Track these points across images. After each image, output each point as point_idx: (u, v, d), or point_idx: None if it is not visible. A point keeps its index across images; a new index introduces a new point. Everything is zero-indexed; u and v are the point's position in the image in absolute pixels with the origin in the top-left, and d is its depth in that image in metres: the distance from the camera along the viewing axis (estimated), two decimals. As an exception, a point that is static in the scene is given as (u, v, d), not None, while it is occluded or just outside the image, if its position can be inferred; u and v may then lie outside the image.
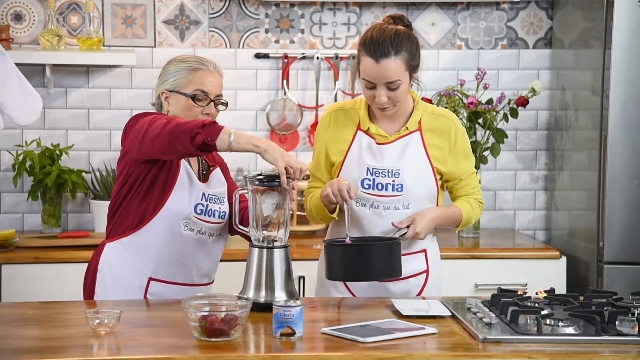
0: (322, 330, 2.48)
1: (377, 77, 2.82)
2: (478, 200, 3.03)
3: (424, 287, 2.99)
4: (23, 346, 2.36)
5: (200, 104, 2.92)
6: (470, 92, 4.15)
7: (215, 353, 2.30)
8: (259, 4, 4.20)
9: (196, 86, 2.92)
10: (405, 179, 2.90)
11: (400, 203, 2.90)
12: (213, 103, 2.94)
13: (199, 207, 2.89)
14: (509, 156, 4.34)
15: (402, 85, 2.83)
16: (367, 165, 2.90)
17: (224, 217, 2.94)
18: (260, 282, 2.69)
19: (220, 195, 2.95)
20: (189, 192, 2.88)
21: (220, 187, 2.98)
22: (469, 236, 4.14)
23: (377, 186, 2.90)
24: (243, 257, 2.82)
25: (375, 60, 2.80)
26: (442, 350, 2.37)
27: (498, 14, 4.33)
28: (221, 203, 2.94)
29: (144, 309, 2.82)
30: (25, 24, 4.10)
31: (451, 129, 2.95)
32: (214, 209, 2.91)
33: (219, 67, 2.98)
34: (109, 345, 2.37)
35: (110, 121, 4.16)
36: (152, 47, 4.17)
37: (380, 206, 2.90)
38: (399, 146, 2.92)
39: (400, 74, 2.82)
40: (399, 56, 2.81)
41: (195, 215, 2.88)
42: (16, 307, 2.73)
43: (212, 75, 2.94)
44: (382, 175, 2.89)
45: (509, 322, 2.51)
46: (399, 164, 2.90)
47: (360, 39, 2.87)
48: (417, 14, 4.28)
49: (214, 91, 2.94)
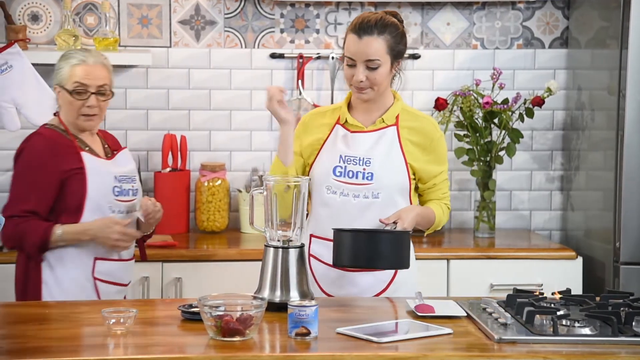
0: (337, 330, 2.48)
1: (357, 53, 2.88)
2: (447, 205, 3.08)
3: (391, 284, 2.98)
4: (40, 345, 2.37)
5: (79, 97, 3.07)
6: (485, 92, 4.14)
7: (231, 353, 2.31)
8: (274, 4, 4.20)
9: (75, 80, 3.07)
10: (376, 168, 2.93)
11: (369, 192, 2.93)
12: (94, 95, 3.07)
13: (116, 189, 3.10)
14: (525, 156, 4.33)
15: (381, 68, 2.89)
16: (340, 153, 2.96)
17: (136, 194, 3.17)
18: (276, 282, 2.70)
19: (129, 174, 3.17)
20: (104, 181, 3.09)
21: (128, 165, 3.19)
22: (485, 236, 4.13)
23: (348, 174, 2.94)
24: (258, 257, 2.83)
25: (358, 36, 2.89)
26: (457, 351, 2.36)
27: (514, 13, 4.32)
28: (132, 182, 3.16)
29: (160, 308, 2.83)
30: (42, 25, 4.12)
31: (430, 131, 3.00)
32: (127, 188, 3.13)
33: (102, 59, 3.12)
34: (124, 344, 2.38)
35: (126, 121, 4.17)
36: (168, 47, 4.18)
37: (350, 194, 2.93)
38: (373, 137, 2.97)
39: (380, 54, 2.88)
40: (381, 37, 2.89)
41: (115, 197, 3.11)
42: (33, 307, 2.74)
43: (91, 68, 3.07)
44: (353, 162, 2.94)
45: (525, 322, 2.50)
46: (370, 153, 2.94)
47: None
48: (433, 14, 4.28)
49: (94, 83, 3.07)
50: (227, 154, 4.22)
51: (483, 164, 4.13)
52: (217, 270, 3.74)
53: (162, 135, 4.13)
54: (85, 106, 3.07)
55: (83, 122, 3.10)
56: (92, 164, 3.09)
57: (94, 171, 3.08)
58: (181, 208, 4.09)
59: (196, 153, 4.19)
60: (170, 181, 4.07)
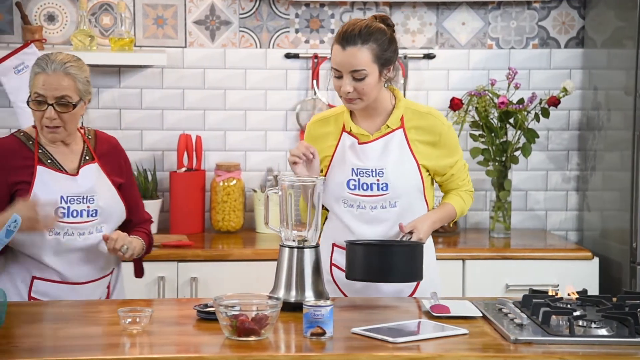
0: (352, 331, 2.48)
1: (342, 64, 2.82)
2: (468, 190, 3.03)
3: (417, 288, 2.96)
4: (56, 344, 2.38)
5: (36, 108, 2.85)
6: (501, 92, 4.12)
7: (246, 352, 2.31)
8: (289, 4, 4.21)
9: (34, 90, 2.85)
10: (390, 177, 2.89)
11: (386, 202, 2.90)
12: (52, 106, 2.83)
13: (60, 210, 2.85)
14: (541, 156, 4.32)
15: (368, 78, 2.83)
16: (352, 166, 2.90)
17: (94, 214, 2.90)
18: (291, 281, 2.70)
19: (84, 194, 2.89)
20: (47, 198, 2.83)
21: (87, 184, 2.91)
22: (500, 237, 4.12)
23: (362, 186, 2.90)
24: (273, 256, 2.83)
25: (342, 47, 2.82)
26: (472, 351, 2.35)
27: (529, 13, 4.30)
28: (89, 202, 2.89)
29: (175, 307, 2.83)
30: (58, 25, 4.14)
31: (436, 127, 2.94)
32: (79, 209, 2.88)
33: (66, 67, 2.85)
34: (140, 343, 2.39)
35: (141, 121, 4.18)
36: (183, 47, 4.19)
37: (367, 206, 2.90)
38: (380, 145, 2.91)
39: (366, 64, 2.81)
40: (365, 46, 2.81)
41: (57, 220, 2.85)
42: (49, 306, 2.75)
43: (50, 77, 2.83)
44: (366, 175, 2.89)
45: (541, 323, 2.49)
46: (381, 163, 2.90)
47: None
48: (448, 14, 4.27)
49: (51, 94, 2.83)
50: (242, 154, 4.22)
51: (498, 164, 4.12)
52: (233, 270, 3.75)
53: (178, 135, 4.14)
54: (45, 117, 2.84)
55: (46, 134, 2.88)
56: (42, 180, 2.87)
57: (41, 188, 2.86)
58: (196, 208, 4.09)
59: (211, 153, 4.20)
60: (186, 181, 4.08)
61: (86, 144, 2.98)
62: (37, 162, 2.89)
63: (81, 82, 2.88)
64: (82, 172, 2.92)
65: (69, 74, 2.85)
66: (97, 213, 2.91)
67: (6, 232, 2.71)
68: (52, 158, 2.92)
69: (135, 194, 3.08)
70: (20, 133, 2.95)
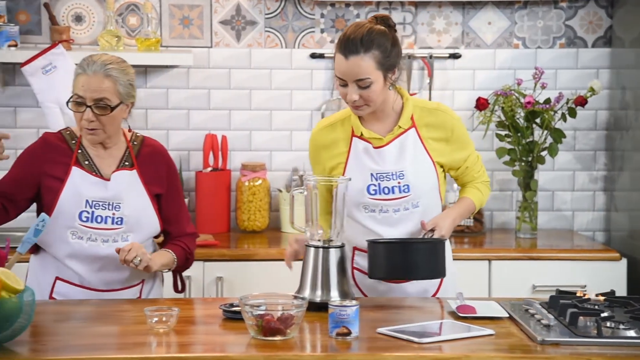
0: (378, 331, 2.47)
1: (346, 73, 2.80)
2: (484, 181, 3.01)
3: (440, 286, 2.96)
4: (83, 343, 2.40)
5: (75, 109, 2.82)
6: (527, 92, 4.10)
7: (272, 352, 2.31)
8: (314, 4, 4.21)
9: (74, 91, 2.83)
10: (410, 178, 2.87)
11: (409, 203, 2.88)
12: (90, 108, 2.80)
13: (84, 214, 2.83)
14: (567, 156, 4.29)
15: (374, 85, 2.80)
16: (370, 171, 2.88)
17: (120, 222, 2.86)
18: (316, 281, 2.70)
19: (110, 199, 2.85)
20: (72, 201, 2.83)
21: (116, 190, 2.87)
22: (527, 237, 4.09)
23: (384, 190, 2.87)
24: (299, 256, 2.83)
25: (345, 57, 2.79)
26: (499, 352, 2.34)
27: (556, 12, 4.28)
28: (115, 209, 2.85)
29: (201, 307, 2.84)
30: (85, 25, 4.16)
31: (447, 122, 2.92)
32: (104, 215, 2.85)
33: (105, 68, 2.81)
34: (167, 342, 2.40)
35: (167, 121, 4.20)
36: (209, 47, 4.20)
37: (390, 210, 2.88)
38: (396, 147, 2.89)
39: (369, 72, 2.78)
40: (368, 54, 2.78)
41: (80, 223, 2.83)
42: (77, 305, 2.77)
43: (89, 79, 2.80)
44: (386, 179, 2.87)
45: (568, 324, 2.48)
46: (400, 165, 2.88)
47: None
48: (474, 13, 4.25)
49: (89, 96, 2.80)
50: (268, 154, 4.23)
51: (525, 164, 4.10)
52: (258, 269, 3.76)
53: (203, 135, 4.16)
54: (83, 119, 2.82)
55: (85, 135, 2.86)
56: (74, 182, 2.85)
57: (70, 189, 2.84)
58: (222, 208, 4.11)
59: (237, 153, 4.21)
60: (211, 181, 4.10)
61: (128, 149, 2.93)
62: (74, 162, 2.87)
63: (122, 84, 2.83)
64: (114, 177, 2.88)
65: (110, 76, 2.80)
66: (123, 221, 2.86)
67: (34, 232, 2.72)
68: (89, 159, 2.89)
69: (177, 205, 2.99)
70: (67, 131, 2.94)
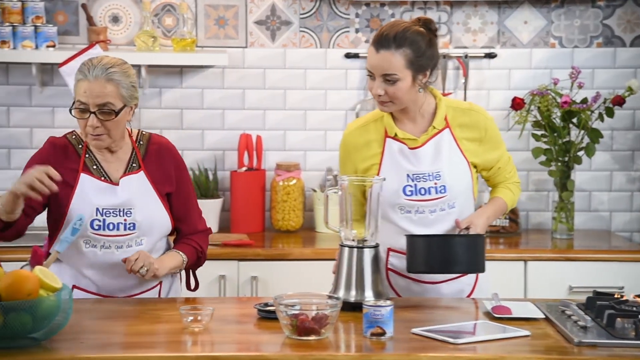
0: (412, 331, 2.47)
1: (374, 66, 2.80)
2: (515, 182, 3.01)
3: (475, 287, 2.95)
4: (120, 341, 2.42)
5: (79, 116, 2.77)
6: (564, 92, 4.07)
7: (306, 352, 2.32)
8: (349, 3, 4.21)
9: (77, 98, 2.77)
10: (447, 179, 2.87)
11: (445, 204, 2.87)
12: (94, 114, 2.74)
13: (96, 222, 2.78)
14: (605, 156, 4.25)
15: (400, 82, 2.79)
16: (406, 172, 2.87)
17: (132, 228, 2.81)
18: (351, 281, 2.69)
19: (121, 206, 2.81)
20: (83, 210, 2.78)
21: (126, 195, 2.82)
22: (563, 238, 4.06)
23: (420, 191, 2.87)
24: (333, 256, 2.83)
25: (376, 50, 2.80)
26: (535, 353, 2.33)
27: (593, 11, 4.24)
28: (126, 215, 2.81)
29: (236, 306, 2.85)
30: (122, 26, 4.20)
31: (480, 122, 2.92)
32: (116, 222, 2.81)
33: (106, 73, 2.75)
34: (202, 341, 2.41)
35: (202, 121, 4.22)
36: (244, 47, 4.22)
37: (426, 210, 2.87)
38: (431, 147, 2.88)
39: (397, 69, 2.78)
40: (399, 51, 2.77)
41: (92, 231, 2.80)
42: (114, 303, 2.79)
43: (91, 84, 2.74)
44: (423, 179, 2.86)
45: (606, 325, 2.45)
46: (437, 166, 2.87)
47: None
48: (510, 13, 4.22)
49: (92, 102, 2.74)
50: (302, 154, 4.23)
51: (561, 164, 4.06)
52: (293, 269, 3.76)
53: (238, 135, 4.17)
54: (88, 125, 2.76)
55: (90, 142, 2.80)
56: (83, 189, 2.80)
57: (80, 196, 2.80)
58: (257, 207, 4.12)
59: (271, 152, 4.22)
60: (246, 180, 4.11)
61: (135, 151, 2.89)
62: (82, 169, 2.83)
63: (125, 87, 2.77)
64: (123, 182, 2.84)
65: (112, 80, 2.74)
66: (135, 227, 2.82)
67: (72, 230, 2.72)
68: (97, 164, 2.85)
69: (187, 202, 2.94)
70: (72, 135, 2.90)
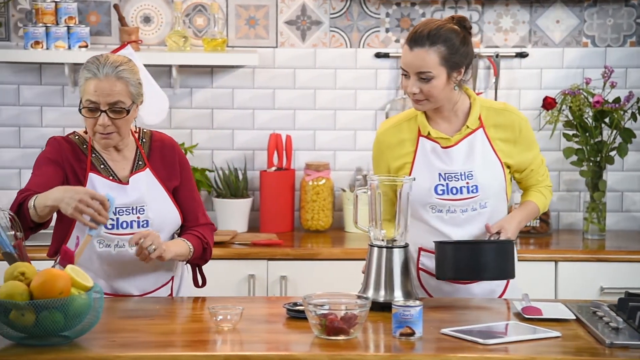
0: (441, 331, 2.46)
1: (408, 64, 2.80)
2: (547, 185, 2.99)
3: (507, 288, 2.93)
4: (150, 340, 2.43)
5: (89, 115, 2.74)
6: (596, 91, 4.04)
7: (335, 351, 2.32)
8: (379, 3, 4.20)
9: (86, 97, 2.74)
10: (479, 179, 2.85)
11: (477, 204, 2.86)
12: (105, 113, 2.73)
13: (109, 222, 2.70)
14: (637, 156, 4.21)
15: (435, 80, 2.79)
16: (438, 171, 2.86)
17: (145, 225, 2.81)
18: (380, 281, 2.69)
19: (133, 204, 2.80)
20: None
21: (137, 193, 2.82)
22: (594, 238, 4.03)
23: (452, 190, 2.85)
24: (362, 256, 2.83)
25: (410, 48, 2.80)
26: (566, 354, 2.31)
27: (627, 10, 4.20)
28: (139, 212, 2.80)
29: (265, 305, 2.86)
30: (154, 26, 4.22)
31: (515, 122, 2.90)
32: (129, 220, 2.80)
33: (118, 71, 2.74)
34: (232, 341, 2.42)
35: (233, 121, 4.23)
36: (274, 47, 4.23)
37: (458, 210, 2.86)
38: (465, 146, 2.87)
39: (432, 67, 2.77)
40: (433, 48, 2.77)
41: (106, 231, 2.77)
42: (144, 302, 2.81)
43: (102, 83, 2.72)
44: (455, 179, 2.85)
45: (638, 327, 2.43)
46: (469, 165, 2.86)
47: None
48: (542, 12, 4.20)
49: (104, 100, 2.72)
50: (332, 154, 4.24)
51: (593, 164, 4.03)
52: (322, 269, 3.77)
53: (268, 135, 4.18)
54: (98, 124, 2.74)
55: (99, 141, 2.79)
56: (94, 188, 2.77)
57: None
58: (286, 207, 4.13)
59: (301, 152, 4.22)
60: (276, 180, 4.12)
61: (139, 150, 2.88)
62: (89, 169, 2.82)
63: (133, 85, 2.78)
64: (132, 180, 2.83)
65: (122, 78, 2.74)
66: (148, 224, 2.81)
67: None
68: (105, 164, 2.84)
69: (190, 196, 2.93)
70: (75, 136, 2.87)
